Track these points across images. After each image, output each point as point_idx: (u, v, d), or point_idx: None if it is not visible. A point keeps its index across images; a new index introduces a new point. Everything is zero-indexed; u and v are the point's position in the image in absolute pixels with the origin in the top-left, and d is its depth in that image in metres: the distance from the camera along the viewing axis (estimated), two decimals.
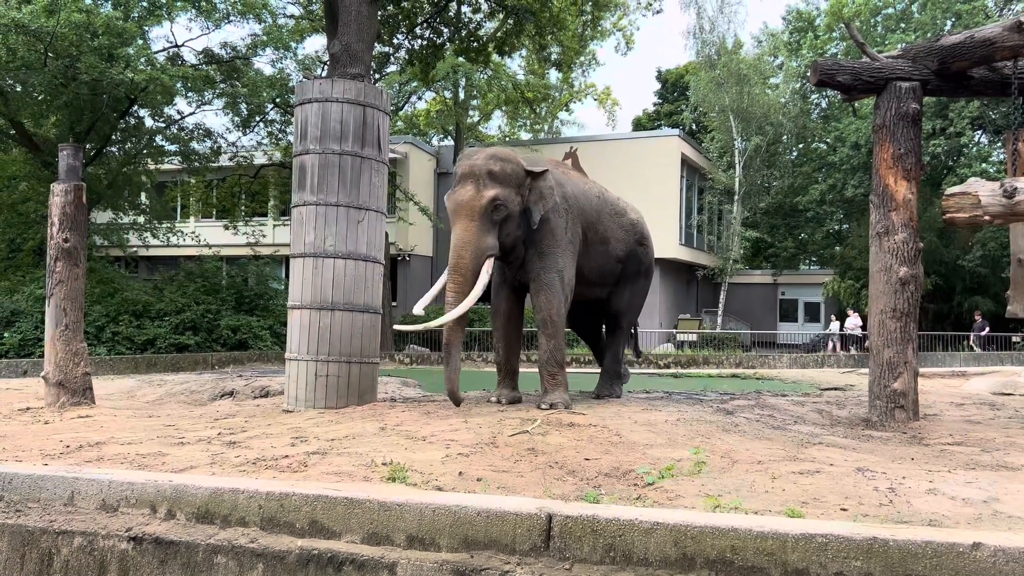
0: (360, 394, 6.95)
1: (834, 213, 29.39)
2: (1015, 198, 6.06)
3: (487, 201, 6.27)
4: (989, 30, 6.54)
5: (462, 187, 6.33)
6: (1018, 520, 3.20)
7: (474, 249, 6.25)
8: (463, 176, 6.37)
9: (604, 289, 7.61)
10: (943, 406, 8.04)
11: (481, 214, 6.27)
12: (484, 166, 6.35)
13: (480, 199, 6.27)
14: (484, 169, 6.34)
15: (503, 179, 6.39)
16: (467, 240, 6.23)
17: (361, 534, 3.19)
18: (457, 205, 6.31)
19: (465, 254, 6.23)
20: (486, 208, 6.28)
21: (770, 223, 31.82)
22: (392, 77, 21.64)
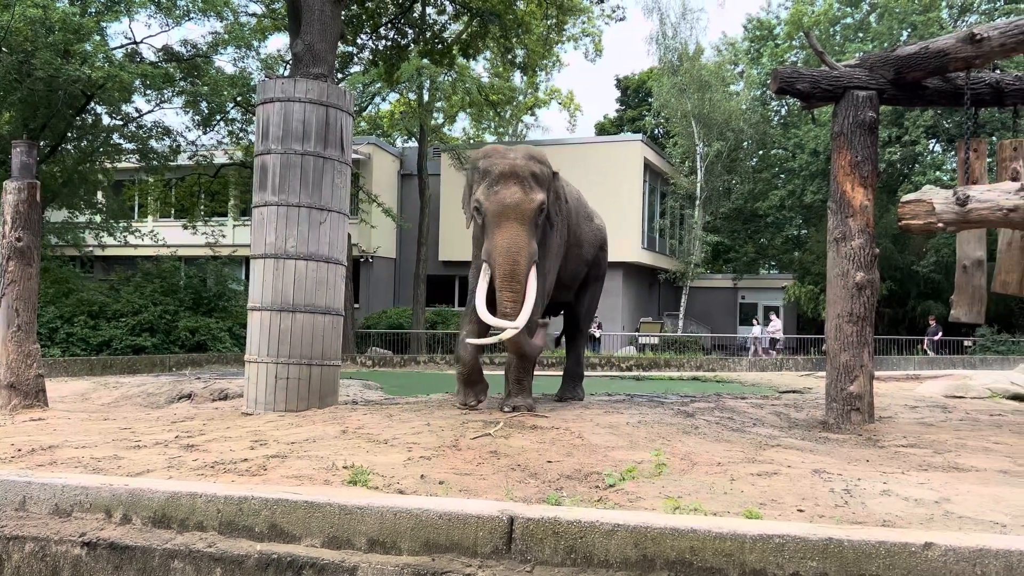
0: (321, 397, 6.89)
1: (793, 218, 29.85)
2: (968, 206, 6.21)
3: (537, 205, 6.02)
4: (943, 41, 6.70)
5: (506, 188, 5.98)
6: (968, 520, 3.27)
7: (528, 255, 5.94)
8: (505, 176, 6.02)
9: (572, 292, 7.66)
10: (897, 408, 8.20)
11: (531, 219, 6.00)
12: (527, 167, 6.10)
13: (530, 203, 5.99)
14: (528, 171, 6.08)
15: (543, 181, 6.21)
16: (521, 245, 5.88)
17: (321, 538, 3.16)
18: (505, 207, 5.94)
19: (521, 260, 5.86)
20: (536, 213, 6.03)
21: (731, 228, 32.22)
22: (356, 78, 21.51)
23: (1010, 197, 6.03)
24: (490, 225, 5.96)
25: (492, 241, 5.91)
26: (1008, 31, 6.35)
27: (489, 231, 5.97)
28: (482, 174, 6.11)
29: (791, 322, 30.85)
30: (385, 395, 8.96)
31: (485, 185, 6.05)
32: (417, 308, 23.78)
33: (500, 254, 5.85)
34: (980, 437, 6.16)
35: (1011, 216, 6.05)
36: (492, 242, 5.91)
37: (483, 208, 6.00)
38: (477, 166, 6.21)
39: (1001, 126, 20.89)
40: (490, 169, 6.08)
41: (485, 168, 6.11)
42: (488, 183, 6.04)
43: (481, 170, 6.13)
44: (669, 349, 23.92)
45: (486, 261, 5.99)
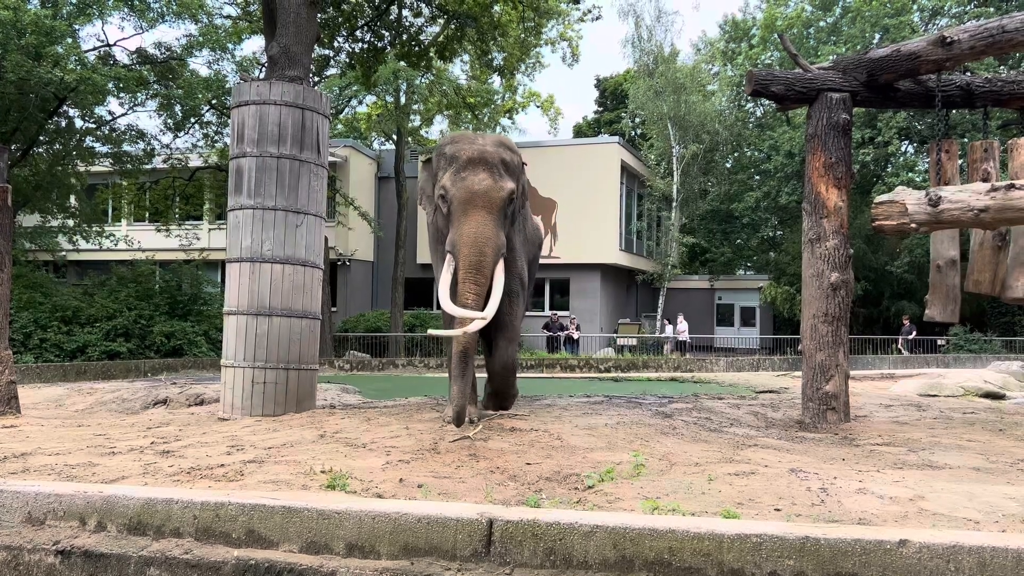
0: (298, 401, 6.85)
1: (769, 220, 30.07)
2: (940, 206, 6.29)
3: (507, 194, 5.68)
4: (914, 44, 6.78)
5: (474, 174, 5.62)
6: (942, 517, 3.31)
7: (495, 246, 5.57)
8: (474, 162, 5.67)
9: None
10: (873, 407, 8.28)
11: (499, 208, 5.66)
12: (497, 154, 5.77)
13: (500, 191, 5.64)
14: (498, 157, 5.76)
15: (513, 170, 5.91)
16: (487, 236, 5.51)
17: (299, 543, 3.15)
18: (472, 195, 5.57)
19: (488, 251, 5.50)
20: (504, 201, 5.69)
21: (707, 229, 32.42)
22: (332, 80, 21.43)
23: (981, 198, 6.11)
24: (456, 213, 5.60)
25: (458, 230, 5.55)
26: (977, 34, 6.44)
27: (455, 220, 5.61)
28: (448, 160, 5.75)
29: (767, 322, 31.09)
30: (363, 399, 8.92)
31: (452, 171, 5.68)
32: (395, 311, 23.71)
33: (466, 244, 5.49)
34: (954, 435, 6.23)
35: (982, 216, 6.14)
36: (458, 231, 5.55)
37: (449, 195, 5.63)
38: (443, 152, 5.84)
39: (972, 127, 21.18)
40: (457, 155, 5.72)
41: (452, 154, 5.75)
42: (455, 169, 5.68)
43: (447, 156, 5.77)
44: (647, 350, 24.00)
45: (450, 252, 5.61)
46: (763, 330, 30.85)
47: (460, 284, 5.50)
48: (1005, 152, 7.20)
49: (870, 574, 2.68)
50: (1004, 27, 6.32)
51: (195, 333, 17.54)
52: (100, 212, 24.08)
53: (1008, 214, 6.04)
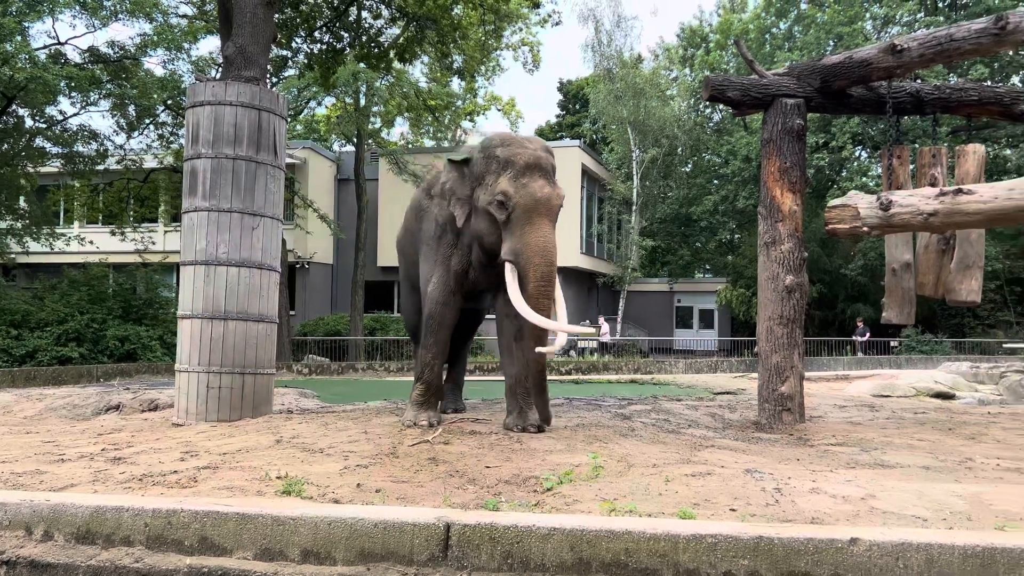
0: (255, 406, 6.76)
1: (726, 223, 30.45)
2: (890, 210, 6.42)
3: (561, 202, 5.62)
4: (866, 51, 6.92)
5: (534, 181, 5.48)
6: (892, 515, 3.37)
7: (556, 255, 5.56)
8: (531, 167, 5.52)
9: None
10: (827, 408, 8.42)
11: (557, 215, 5.61)
12: (548, 159, 5.67)
13: (558, 199, 5.57)
14: (549, 163, 5.66)
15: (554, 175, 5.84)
16: (553, 245, 5.45)
17: (253, 550, 3.10)
18: (537, 202, 5.42)
19: (555, 261, 5.45)
20: (559, 209, 5.65)
21: (666, 232, 32.73)
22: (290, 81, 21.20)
23: (929, 202, 6.24)
24: (519, 221, 5.40)
25: (523, 239, 5.37)
26: (926, 42, 6.59)
27: (516, 227, 5.41)
28: (502, 163, 5.53)
29: (726, 325, 31.46)
30: (322, 403, 8.83)
31: (509, 176, 5.47)
32: (355, 315, 23.53)
33: (536, 254, 5.34)
34: (905, 434, 6.36)
35: (930, 220, 6.27)
36: (523, 240, 5.37)
37: (511, 201, 5.41)
38: (493, 154, 5.60)
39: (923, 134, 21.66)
40: (512, 159, 5.52)
41: (506, 157, 5.54)
42: (513, 174, 5.48)
43: (500, 159, 5.55)
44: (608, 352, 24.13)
45: (511, 261, 5.42)
46: (721, 332, 31.23)
47: (532, 296, 5.33)
48: (953, 158, 7.38)
49: (822, 572, 2.72)
50: (952, 36, 6.48)
51: (150, 337, 17.22)
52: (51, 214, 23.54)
53: (956, 218, 6.18)
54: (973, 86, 7.83)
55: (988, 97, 7.45)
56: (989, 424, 7.23)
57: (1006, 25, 6.18)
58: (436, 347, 5.96)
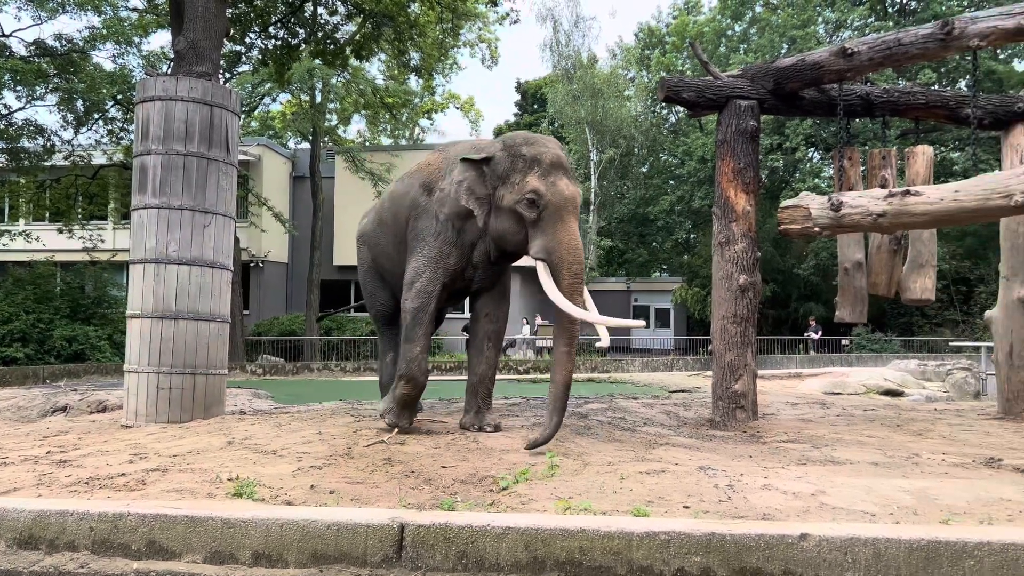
0: (206, 407, 6.65)
1: (683, 223, 30.78)
2: (841, 211, 6.53)
3: (581, 200, 5.61)
4: (818, 54, 7.02)
5: (560, 179, 5.45)
6: (841, 511, 3.43)
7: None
8: (556, 166, 5.49)
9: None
10: (780, 406, 8.55)
11: (579, 213, 5.60)
12: (567, 159, 5.65)
13: (580, 197, 5.54)
14: (569, 162, 5.65)
15: None
16: (581, 242, 5.44)
17: (203, 553, 3.05)
18: (567, 200, 5.40)
19: (583, 258, 5.43)
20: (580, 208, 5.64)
21: (624, 232, 32.97)
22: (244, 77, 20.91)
23: (879, 203, 6.37)
24: (550, 219, 5.37)
25: (554, 237, 5.34)
26: (876, 46, 6.71)
27: (547, 225, 5.38)
28: (529, 162, 5.49)
29: (681, 323, 31.79)
30: (276, 404, 8.72)
31: (538, 174, 5.43)
32: (310, 314, 23.30)
33: (569, 252, 5.32)
34: (855, 431, 6.48)
35: (879, 221, 6.40)
36: (555, 238, 5.34)
37: (543, 200, 5.36)
38: (519, 152, 5.55)
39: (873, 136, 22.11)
40: (539, 157, 5.49)
41: (533, 155, 5.51)
42: (541, 172, 5.44)
43: (527, 157, 5.51)
44: None
45: (543, 259, 5.38)
46: (677, 331, 31.54)
47: (567, 292, 5.27)
48: (903, 160, 7.54)
49: (773, 568, 2.75)
50: (900, 40, 6.61)
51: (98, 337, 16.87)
52: None
53: (904, 219, 6.31)
54: (921, 90, 8.00)
55: (935, 101, 7.63)
56: (936, 420, 7.40)
57: (952, 31, 6.33)
58: (424, 340, 5.78)
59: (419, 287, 5.73)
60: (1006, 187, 5.74)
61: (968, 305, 24.62)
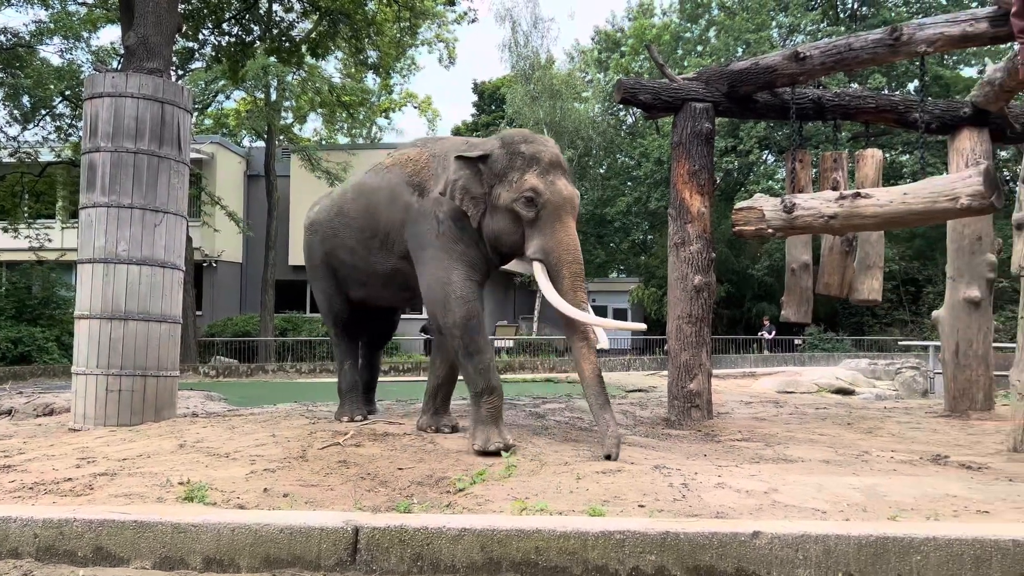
0: (157, 410, 6.52)
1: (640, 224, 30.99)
2: (794, 213, 6.64)
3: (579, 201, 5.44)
4: (771, 58, 7.14)
5: (559, 179, 5.27)
6: (793, 508, 3.48)
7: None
8: (554, 165, 5.31)
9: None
10: (734, 404, 8.66)
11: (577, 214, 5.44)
12: (564, 159, 5.49)
13: (578, 198, 5.40)
14: (566, 162, 5.48)
15: None
16: (579, 243, 5.29)
17: (152, 559, 2.99)
18: (566, 200, 5.22)
19: (582, 257, 5.29)
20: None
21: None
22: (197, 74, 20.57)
23: (830, 205, 6.49)
24: (548, 219, 5.19)
25: (554, 237, 5.17)
26: (827, 51, 6.84)
27: (545, 226, 5.19)
28: (528, 160, 5.29)
29: None
30: (229, 406, 8.59)
31: (536, 173, 5.24)
32: (265, 315, 23.00)
33: (569, 253, 5.16)
34: (807, 429, 6.59)
35: (831, 223, 6.52)
36: (554, 239, 5.17)
37: (542, 199, 5.16)
38: (517, 150, 5.33)
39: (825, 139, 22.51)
40: (538, 156, 5.30)
41: (532, 154, 5.31)
42: (540, 171, 5.25)
43: (526, 155, 5.30)
44: (524, 352, 24.26)
45: (541, 260, 5.21)
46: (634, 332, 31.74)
47: (568, 293, 5.12)
48: (853, 163, 7.69)
49: (726, 566, 2.78)
50: (851, 45, 6.75)
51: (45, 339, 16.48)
52: None
53: (855, 221, 6.44)
54: (871, 94, 8.18)
55: (884, 105, 7.80)
56: (885, 418, 7.56)
57: (900, 36, 6.47)
58: (489, 347, 5.45)
59: (457, 294, 5.31)
60: (952, 190, 5.89)
61: (917, 305, 25.20)
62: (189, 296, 18.49)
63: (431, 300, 5.46)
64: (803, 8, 27.14)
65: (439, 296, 5.37)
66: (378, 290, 6.22)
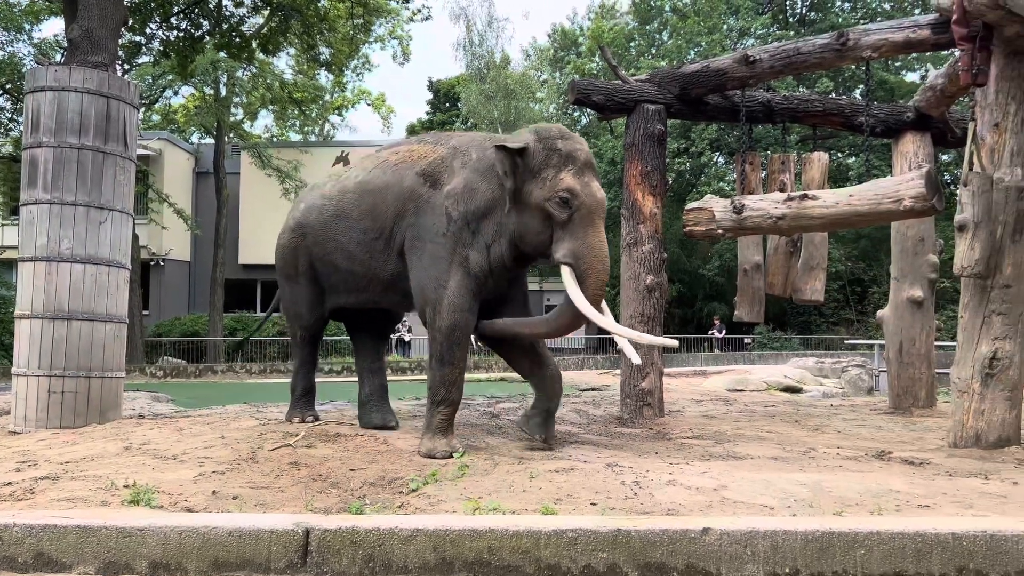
0: (102, 411, 6.37)
1: None
2: (743, 214, 6.74)
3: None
4: (721, 61, 7.23)
5: (593, 180, 5.03)
6: (742, 505, 3.54)
7: None
8: (589, 165, 5.06)
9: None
10: (685, 403, 8.76)
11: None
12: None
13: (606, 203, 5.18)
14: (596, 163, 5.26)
15: None
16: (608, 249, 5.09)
17: (96, 564, 2.92)
18: (598, 203, 4.99)
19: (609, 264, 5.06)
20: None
21: None
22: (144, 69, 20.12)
23: (778, 206, 6.60)
24: (581, 222, 4.94)
25: (586, 241, 4.94)
26: (776, 54, 6.96)
27: (577, 229, 4.94)
28: (564, 157, 4.99)
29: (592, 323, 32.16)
30: (177, 408, 8.42)
31: (572, 172, 4.96)
32: (214, 314, 22.64)
33: (599, 259, 4.95)
34: (756, 427, 6.70)
35: (779, 224, 6.64)
36: (586, 242, 4.94)
37: (578, 200, 4.90)
38: (555, 147, 5.01)
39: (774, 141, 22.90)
40: (574, 154, 5.01)
41: (568, 151, 5.01)
42: (575, 171, 4.97)
43: (562, 152, 5.00)
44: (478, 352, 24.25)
45: (571, 264, 4.97)
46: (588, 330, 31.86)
47: (593, 300, 4.95)
48: (801, 165, 7.84)
49: (677, 562, 2.81)
50: (799, 50, 6.87)
51: None
52: None
53: (802, 222, 6.56)
54: (818, 98, 8.34)
55: (831, 109, 7.96)
56: (831, 416, 7.72)
57: (846, 41, 6.61)
58: (463, 362, 5.20)
59: (449, 302, 5.05)
60: (896, 192, 6.04)
61: (862, 305, 25.78)
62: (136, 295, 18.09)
63: (423, 297, 5.17)
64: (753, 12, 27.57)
65: (431, 296, 5.11)
66: (377, 295, 5.71)
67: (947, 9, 5.61)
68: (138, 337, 18.75)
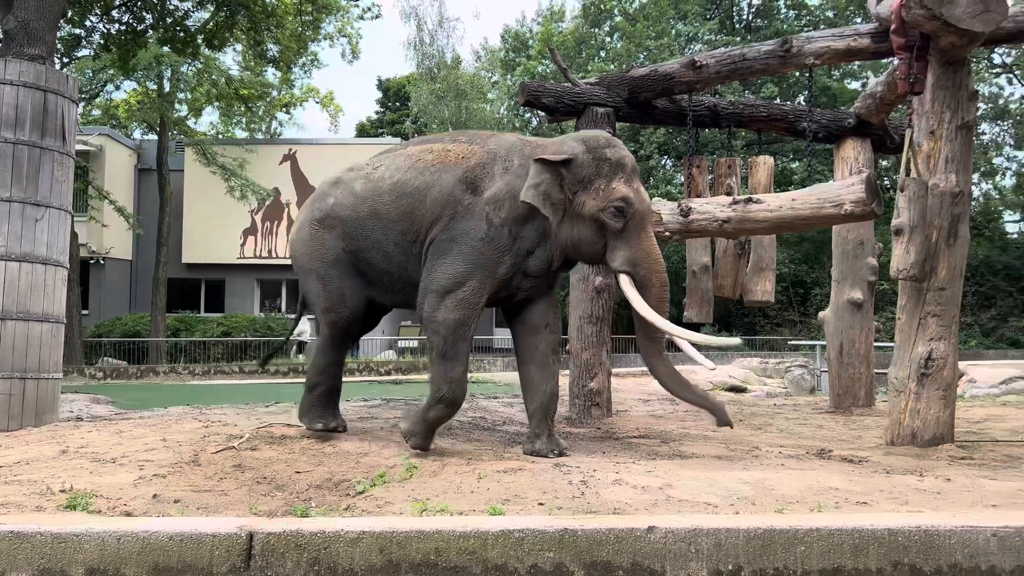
0: (38, 414, 6.18)
1: None
2: (690, 217, 6.83)
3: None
4: (669, 66, 7.32)
5: (641, 187, 5.03)
6: (686, 503, 3.58)
7: None
8: (636, 171, 5.06)
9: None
10: (633, 403, 8.85)
11: None
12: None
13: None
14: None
15: None
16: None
17: (30, 571, 2.84)
18: (648, 210, 5.04)
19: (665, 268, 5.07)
20: None
21: None
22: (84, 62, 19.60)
23: (724, 210, 6.71)
24: (635, 229, 4.94)
25: (642, 248, 4.95)
26: (723, 60, 7.07)
27: (631, 236, 4.94)
28: (614, 166, 4.97)
29: None
30: (117, 410, 8.22)
31: (623, 180, 4.93)
32: (156, 314, 22.17)
33: (658, 264, 4.97)
34: (701, 426, 6.80)
35: (725, 227, 6.74)
36: (642, 249, 4.95)
37: (632, 208, 4.89)
38: (603, 155, 4.98)
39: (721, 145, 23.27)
40: (623, 161, 5.00)
41: (617, 159, 4.99)
42: (625, 178, 4.96)
43: (612, 160, 4.97)
44: None
45: (629, 272, 4.96)
46: None
47: (656, 307, 4.92)
48: (747, 169, 7.97)
49: (622, 560, 2.84)
50: (745, 55, 6.99)
51: None
52: None
53: (746, 225, 6.67)
54: (763, 104, 8.50)
55: (776, 114, 8.12)
56: (775, 415, 7.88)
57: (790, 48, 6.75)
58: (467, 359, 5.14)
59: (462, 297, 4.98)
60: (837, 197, 6.18)
61: (805, 306, 26.34)
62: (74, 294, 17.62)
63: (436, 288, 5.02)
64: (701, 17, 27.98)
65: (444, 286, 4.99)
66: (408, 296, 5.50)
67: (886, 19, 5.76)
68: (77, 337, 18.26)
